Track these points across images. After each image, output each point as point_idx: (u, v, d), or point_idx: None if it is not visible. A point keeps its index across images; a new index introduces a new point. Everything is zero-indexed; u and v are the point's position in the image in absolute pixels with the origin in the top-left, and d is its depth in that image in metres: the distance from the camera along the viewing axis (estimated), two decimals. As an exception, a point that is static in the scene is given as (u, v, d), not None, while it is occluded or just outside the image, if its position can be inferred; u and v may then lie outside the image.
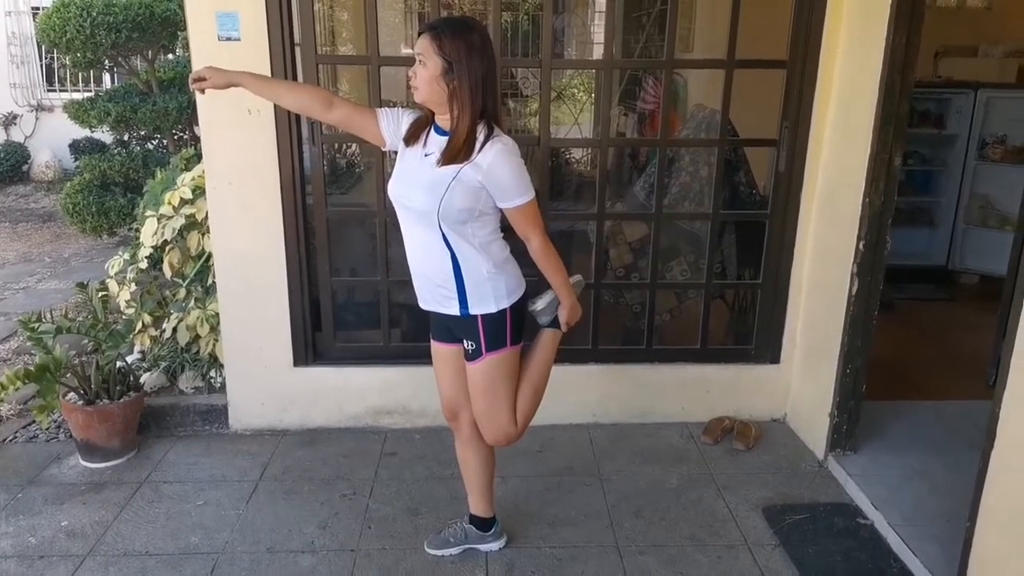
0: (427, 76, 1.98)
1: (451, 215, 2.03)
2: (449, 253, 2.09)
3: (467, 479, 2.49)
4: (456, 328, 2.22)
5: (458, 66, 1.96)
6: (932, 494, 2.74)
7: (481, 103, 2.00)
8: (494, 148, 1.99)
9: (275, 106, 2.94)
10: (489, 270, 2.11)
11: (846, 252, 2.87)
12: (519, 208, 2.06)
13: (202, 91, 2.17)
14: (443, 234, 2.07)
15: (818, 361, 3.11)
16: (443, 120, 2.06)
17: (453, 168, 2.00)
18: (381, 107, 2.23)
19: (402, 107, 2.24)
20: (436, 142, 2.06)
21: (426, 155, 2.07)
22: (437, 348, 2.35)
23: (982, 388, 3.41)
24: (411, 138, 2.12)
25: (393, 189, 2.14)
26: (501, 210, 2.09)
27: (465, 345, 2.21)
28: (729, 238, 3.49)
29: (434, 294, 2.18)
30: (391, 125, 2.17)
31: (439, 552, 2.51)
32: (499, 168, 2.00)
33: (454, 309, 2.16)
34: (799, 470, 3.05)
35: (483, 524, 2.51)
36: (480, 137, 2.00)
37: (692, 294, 3.54)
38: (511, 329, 2.18)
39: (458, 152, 1.99)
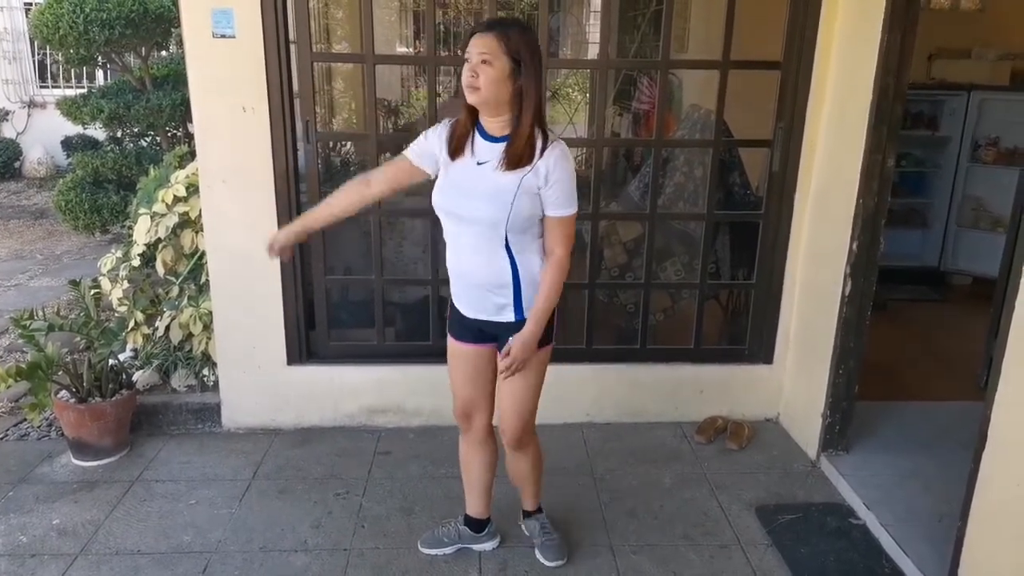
0: (494, 76, 1.93)
1: (519, 223, 2.01)
2: (509, 260, 2.06)
3: (468, 481, 2.48)
4: (503, 333, 2.14)
5: (525, 66, 1.94)
6: (924, 494, 2.75)
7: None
8: (554, 153, 1.98)
9: (269, 103, 2.94)
10: (541, 267, 2.09)
11: (839, 253, 2.88)
12: (565, 218, 2.05)
13: (281, 257, 2.27)
14: (507, 242, 2.04)
15: (811, 361, 3.12)
16: (491, 124, 2.02)
17: (516, 176, 1.98)
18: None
19: (420, 129, 2.19)
20: (487, 149, 2.03)
21: (479, 163, 2.03)
22: (458, 348, 2.27)
23: (974, 389, 3.43)
24: (456, 151, 2.07)
25: (444, 202, 2.08)
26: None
27: (510, 343, 2.11)
28: (723, 238, 3.50)
29: (485, 303, 2.13)
30: (426, 156, 2.14)
31: (433, 551, 2.51)
32: (559, 174, 1.99)
33: (509, 316, 2.12)
34: (792, 470, 3.06)
35: (478, 525, 2.52)
36: (538, 142, 1.99)
37: (686, 294, 3.55)
38: (556, 325, 2.18)
39: (521, 155, 1.97)
